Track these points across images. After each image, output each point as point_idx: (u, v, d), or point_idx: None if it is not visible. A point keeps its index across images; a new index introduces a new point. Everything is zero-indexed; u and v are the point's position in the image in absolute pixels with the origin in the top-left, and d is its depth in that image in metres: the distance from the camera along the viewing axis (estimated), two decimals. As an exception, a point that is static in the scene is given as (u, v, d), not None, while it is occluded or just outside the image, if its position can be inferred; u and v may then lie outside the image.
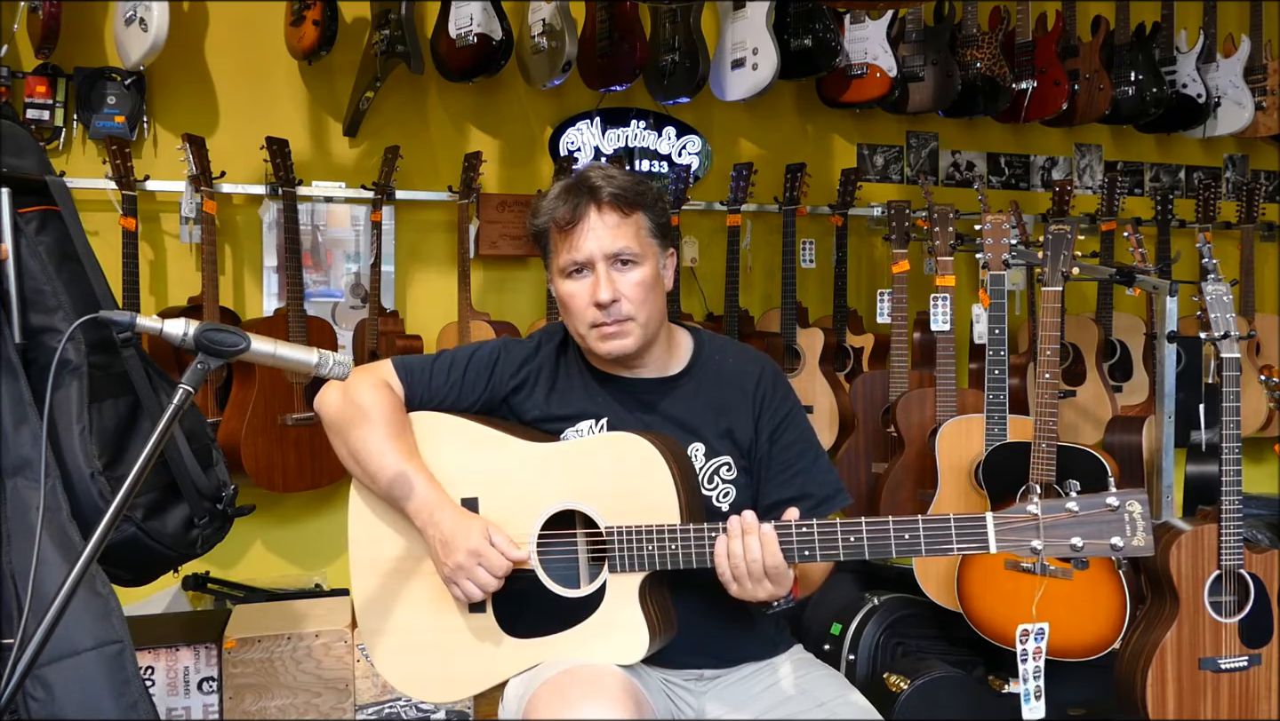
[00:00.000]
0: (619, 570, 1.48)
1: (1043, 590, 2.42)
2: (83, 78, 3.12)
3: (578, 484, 1.53)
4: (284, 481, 3.08)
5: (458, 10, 3.16)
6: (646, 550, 1.46)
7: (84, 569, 1.17)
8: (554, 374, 1.66)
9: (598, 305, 1.53)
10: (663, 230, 1.61)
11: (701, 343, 1.68)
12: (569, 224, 1.53)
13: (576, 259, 1.54)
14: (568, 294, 1.57)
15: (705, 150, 3.82)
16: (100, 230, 2.99)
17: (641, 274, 1.55)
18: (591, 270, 1.54)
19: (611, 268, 1.54)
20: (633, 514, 1.48)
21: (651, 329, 1.58)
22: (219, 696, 2.45)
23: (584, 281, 1.55)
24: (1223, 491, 2.28)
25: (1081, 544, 1.30)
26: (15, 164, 1.78)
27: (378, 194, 3.29)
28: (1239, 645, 2.28)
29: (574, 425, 1.62)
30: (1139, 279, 2.85)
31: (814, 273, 3.83)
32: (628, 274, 1.55)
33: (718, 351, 1.68)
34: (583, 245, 1.53)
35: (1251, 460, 4.25)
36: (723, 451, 1.61)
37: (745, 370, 1.65)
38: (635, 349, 1.57)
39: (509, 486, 1.55)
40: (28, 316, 1.70)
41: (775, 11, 3.35)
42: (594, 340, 1.57)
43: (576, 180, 1.57)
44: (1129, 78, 3.88)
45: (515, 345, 1.70)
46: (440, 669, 1.58)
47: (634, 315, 1.55)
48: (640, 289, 1.55)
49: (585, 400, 1.63)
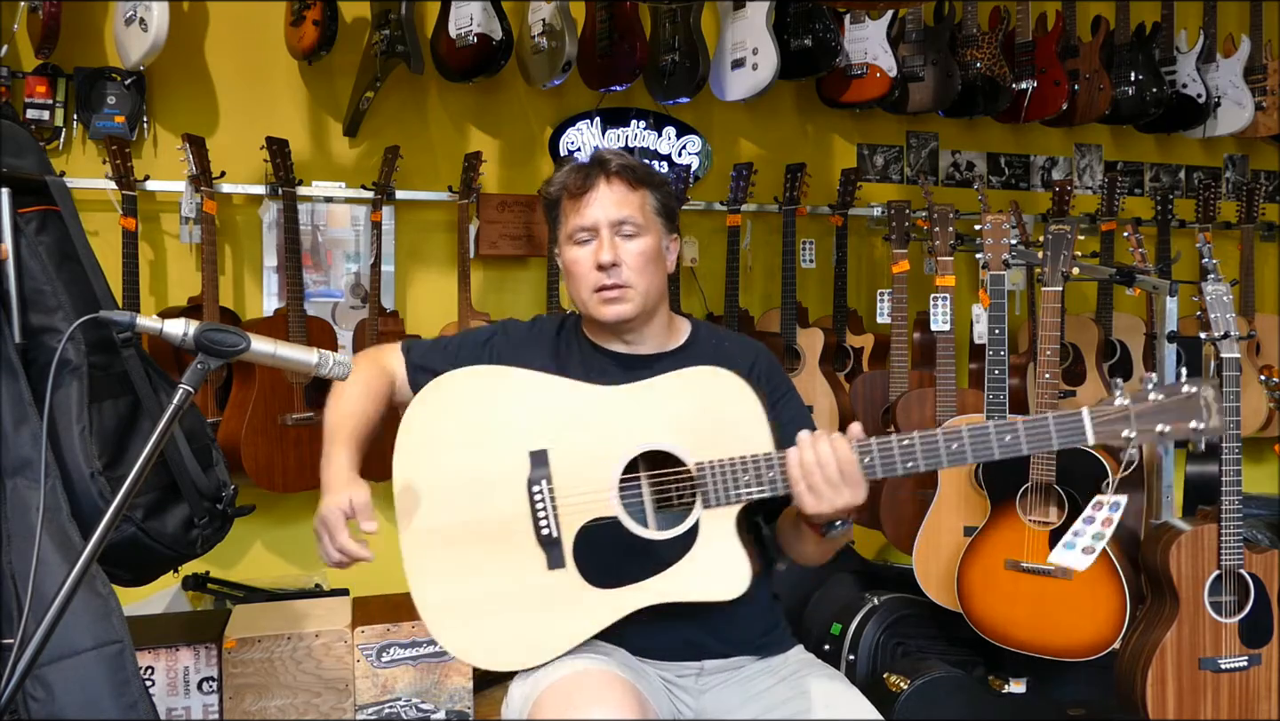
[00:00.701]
0: (713, 505, 1.48)
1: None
2: (83, 78, 3.12)
3: (656, 423, 1.52)
4: (284, 481, 3.08)
5: (458, 10, 3.16)
6: (742, 481, 1.47)
7: (84, 569, 1.17)
8: (554, 346, 1.71)
9: (599, 267, 1.59)
10: (668, 212, 1.68)
11: (698, 327, 1.76)
12: (580, 190, 1.62)
13: (583, 224, 1.62)
14: (572, 259, 1.64)
15: (705, 150, 3.82)
16: (100, 230, 2.99)
17: (642, 244, 1.62)
18: (596, 235, 1.61)
19: (615, 235, 1.61)
20: (722, 447, 1.48)
21: (651, 300, 1.64)
22: (219, 696, 2.45)
23: (588, 247, 1.62)
24: (1223, 491, 2.28)
25: (1168, 428, 1.39)
26: (15, 164, 1.78)
27: (378, 194, 3.29)
28: (1239, 645, 2.28)
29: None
30: (1139, 279, 2.85)
31: (814, 273, 3.83)
32: (630, 243, 1.62)
33: (714, 336, 1.76)
34: (589, 212, 1.62)
35: (1251, 460, 4.25)
36: None
37: (742, 351, 1.72)
38: (634, 315, 1.62)
39: (583, 433, 1.55)
40: (28, 316, 1.70)
41: (775, 11, 3.35)
42: (595, 305, 1.62)
43: (591, 157, 1.68)
44: (1129, 78, 3.88)
45: (514, 323, 1.77)
46: (520, 633, 1.53)
47: (633, 283, 1.61)
48: (640, 258, 1.61)
49: (582, 371, 1.65)
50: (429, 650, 2.54)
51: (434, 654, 2.54)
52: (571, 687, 1.40)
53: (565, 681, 1.42)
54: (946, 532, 2.73)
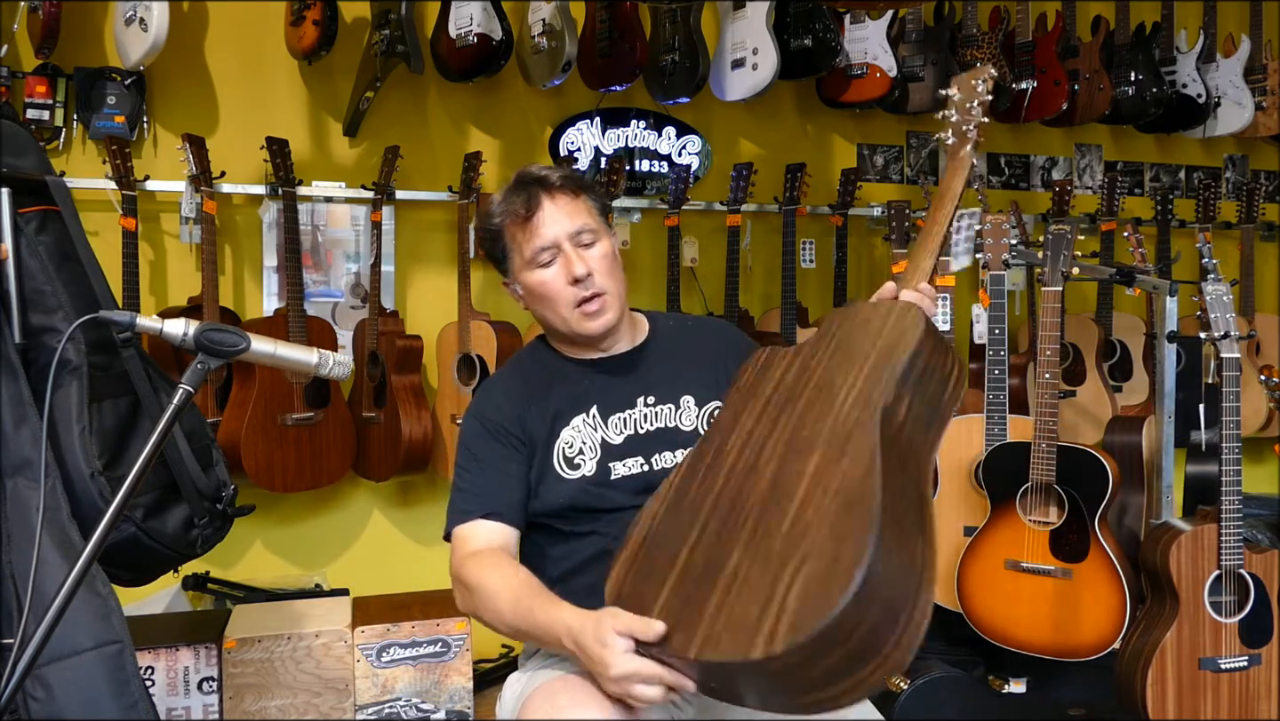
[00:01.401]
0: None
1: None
2: (83, 78, 3.12)
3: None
4: (284, 481, 3.08)
5: (458, 10, 3.16)
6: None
7: (84, 569, 1.17)
8: (538, 376, 1.69)
9: (574, 281, 1.59)
10: (606, 210, 1.70)
11: (654, 317, 1.79)
12: (528, 213, 1.60)
13: (543, 244, 1.60)
14: (539, 282, 1.62)
15: (705, 150, 3.82)
16: (100, 230, 2.99)
17: (603, 248, 1.63)
18: (559, 252, 1.60)
19: (576, 245, 1.61)
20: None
21: (622, 301, 1.66)
22: (219, 696, 2.45)
23: (554, 267, 1.61)
24: (1223, 491, 2.29)
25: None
26: (15, 164, 1.78)
27: (378, 194, 3.29)
28: (1239, 645, 2.28)
29: (568, 423, 1.64)
30: (1139, 279, 2.85)
31: (814, 273, 3.83)
32: (591, 250, 1.62)
33: (672, 319, 1.80)
34: (544, 231, 1.60)
35: (1251, 460, 4.25)
36: (711, 396, 1.68)
37: (706, 325, 1.78)
38: (616, 321, 1.64)
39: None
40: (28, 316, 1.70)
41: (775, 11, 3.35)
42: (579, 321, 1.62)
43: (519, 179, 1.64)
44: (1129, 78, 3.88)
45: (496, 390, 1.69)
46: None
47: (607, 288, 1.62)
48: (605, 261, 1.62)
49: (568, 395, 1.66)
50: (429, 650, 2.54)
51: (434, 654, 2.54)
52: (559, 688, 1.41)
53: (554, 683, 1.43)
54: (946, 532, 2.73)
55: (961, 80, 1.68)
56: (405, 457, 3.21)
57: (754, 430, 1.43)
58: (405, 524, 3.53)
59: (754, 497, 1.33)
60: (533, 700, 1.44)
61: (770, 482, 1.33)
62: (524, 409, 1.64)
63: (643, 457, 1.63)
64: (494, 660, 3.07)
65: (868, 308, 1.46)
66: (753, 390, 1.49)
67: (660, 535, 1.40)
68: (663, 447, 1.64)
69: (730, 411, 1.49)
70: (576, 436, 1.63)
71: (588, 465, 1.62)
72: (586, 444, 1.63)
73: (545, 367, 1.70)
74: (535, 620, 1.41)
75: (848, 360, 1.40)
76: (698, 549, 1.33)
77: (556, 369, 1.69)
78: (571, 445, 1.63)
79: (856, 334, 1.43)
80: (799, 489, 1.28)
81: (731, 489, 1.37)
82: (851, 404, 1.33)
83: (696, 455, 1.47)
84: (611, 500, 1.60)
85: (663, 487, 1.47)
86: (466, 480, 1.62)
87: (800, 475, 1.29)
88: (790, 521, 1.25)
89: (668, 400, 1.67)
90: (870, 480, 1.21)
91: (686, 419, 1.67)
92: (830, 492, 1.24)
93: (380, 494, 3.50)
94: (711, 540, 1.33)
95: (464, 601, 1.55)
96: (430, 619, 2.55)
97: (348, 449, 3.21)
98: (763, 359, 1.53)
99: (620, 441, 1.64)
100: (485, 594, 1.48)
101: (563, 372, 1.68)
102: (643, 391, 1.67)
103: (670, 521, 1.41)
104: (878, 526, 1.15)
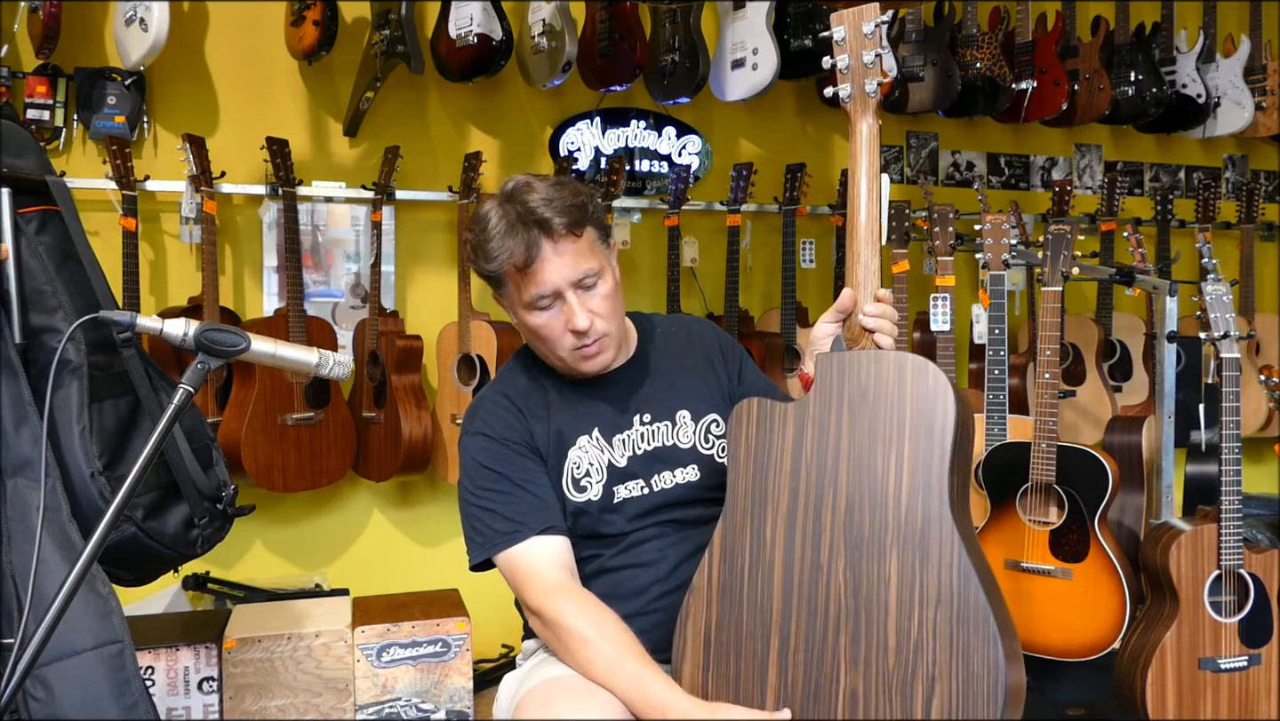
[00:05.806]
0: None
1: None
2: (83, 78, 3.12)
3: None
4: (284, 481, 3.08)
5: (458, 10, 3.16)
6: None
7: (84, 569, 1.17)
8: (535, 395, 1.66)
9: (575, 332, 1.54)
10: (606, 231, 1.60)
11: (640, 321, 1.74)
12: (527, 262, 1.49)
13: (543, 292, 1.52)
14: (538, 325, 1.55)
15: (705, 150, 3.82)
16: (100, 230, 3.00)
17: (605, 287, 1.56)
18: (560, 299, 1.53)
19: (578, 290, 1.53)
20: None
21: (620, 334, 1.62)
22: (219, 696, 2.45)
23: (554, 311, 1.54)
24: (1223, 491, 2.28)
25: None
26: (15, 164, 1.78)
27: (378, 194, 3.29)
28: (1239, 645, 2.28)
29: (574, 443, 1.62)
30: (1139, 279, 2.85)
31: (814, 273, 3.83)
32: (593, 293, 1.55)
33: (658, 324, 1.76)
34: (546, 279, 1.51)
35: (1251, 460, 4.25)
36: (707, 409, 1.66)
37: (691, 330, 1.75)
38: (614, 358, 1.61)
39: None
40: (28, 316, 1.70)
41: (775, 11, 3.35)
42: (576, 362, 1.58)
43: (519, 214, 1.49)
44: (1129, 78, 3.88)
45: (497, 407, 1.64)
46: None
47: (608, 331, 1.57)
48: (608, 302, 1.56)
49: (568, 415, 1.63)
50: (429, 650, 2.54)
51: (434, 654, 2.54)
52: (554, 689, 1.41)
53: (549, 683, 1.43)
54: (946, 532, 2.72)
55: (848, 17, 1.48)
56: (405, 458, 3.21)
57: (794, 514, 1.35)
58: (405, 524, 3.53)
59: (834, 603, 1.31)
60: (528, 700, 1.43)
61: (848, 589, 1.30)
62: (529, 426, 1.62)
63: (643, 480, 1.62)
64: (494, 660, 3.07)
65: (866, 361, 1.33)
66: (765, 458, 1.39)
67: (729, 632, 1.39)
68: (662, 467, 1.62)
69: (745, 480, 1.41)
70: (584, 457, 1.61)
71: (594, 488, 1.61)
72: (594, 465, 1.61)
73: (538, 384, 1.66)
74: (646, 692, 1.37)
75: (873, 432, 1.32)
76: (787, 656, 1.34)
77: (550, 386, 1.66)
78: (579, 466, 1.61)
79: (871, 397, 1.32)
80: (889, 598, 1.27)
81: (802, 589, 1.34)
82: (909, 494, 1.28)
83: (729, 539, 1.41)
84: (615, 525, 1.60)
85: (698, 578, 1.42)
86: (497, 500, 1.56)
87: (884, 581, 1.28)
88: (894, 635, 1.26)
89: (664, 417, 1.65)
90: (969, 586, 1.22)
91: (684, 436, 1.65)
92: (931, 603, 1.24)
93: (380, 494, 3.50)
94: (799, 649, 1.33)
95: (546, 636, 1.51)
96: (430, 619, 2.55)
97: (348, 449, 3.21)
98: (754, 415, 1.41)
99: (624, 464, 1.62)
100: (577, 640, 1.44)
101: (558, 390, 1.65)
102: (638, 409, 1.65)
103: (729, 613, 1.39)
104: (998, 637, 1.19)
